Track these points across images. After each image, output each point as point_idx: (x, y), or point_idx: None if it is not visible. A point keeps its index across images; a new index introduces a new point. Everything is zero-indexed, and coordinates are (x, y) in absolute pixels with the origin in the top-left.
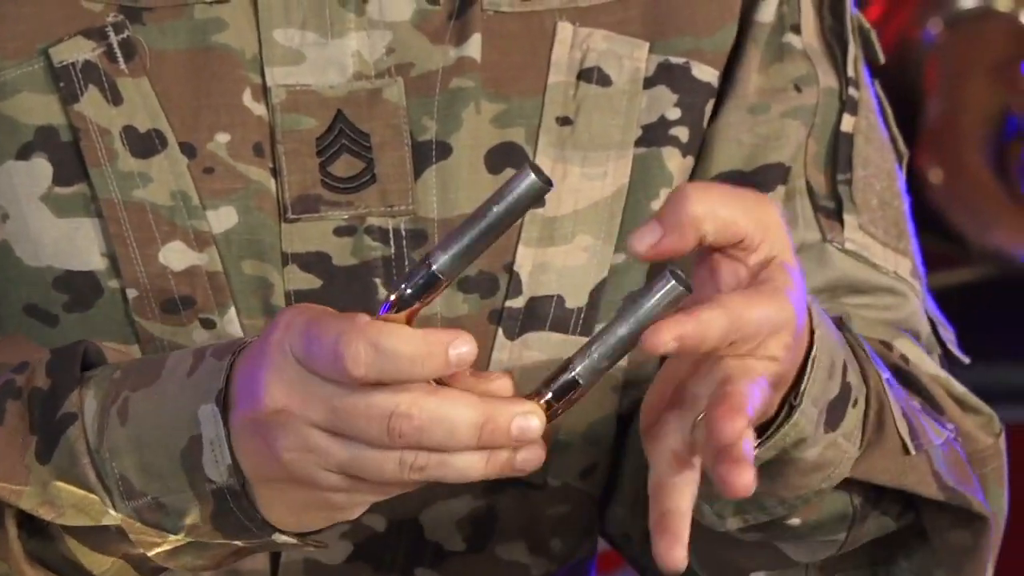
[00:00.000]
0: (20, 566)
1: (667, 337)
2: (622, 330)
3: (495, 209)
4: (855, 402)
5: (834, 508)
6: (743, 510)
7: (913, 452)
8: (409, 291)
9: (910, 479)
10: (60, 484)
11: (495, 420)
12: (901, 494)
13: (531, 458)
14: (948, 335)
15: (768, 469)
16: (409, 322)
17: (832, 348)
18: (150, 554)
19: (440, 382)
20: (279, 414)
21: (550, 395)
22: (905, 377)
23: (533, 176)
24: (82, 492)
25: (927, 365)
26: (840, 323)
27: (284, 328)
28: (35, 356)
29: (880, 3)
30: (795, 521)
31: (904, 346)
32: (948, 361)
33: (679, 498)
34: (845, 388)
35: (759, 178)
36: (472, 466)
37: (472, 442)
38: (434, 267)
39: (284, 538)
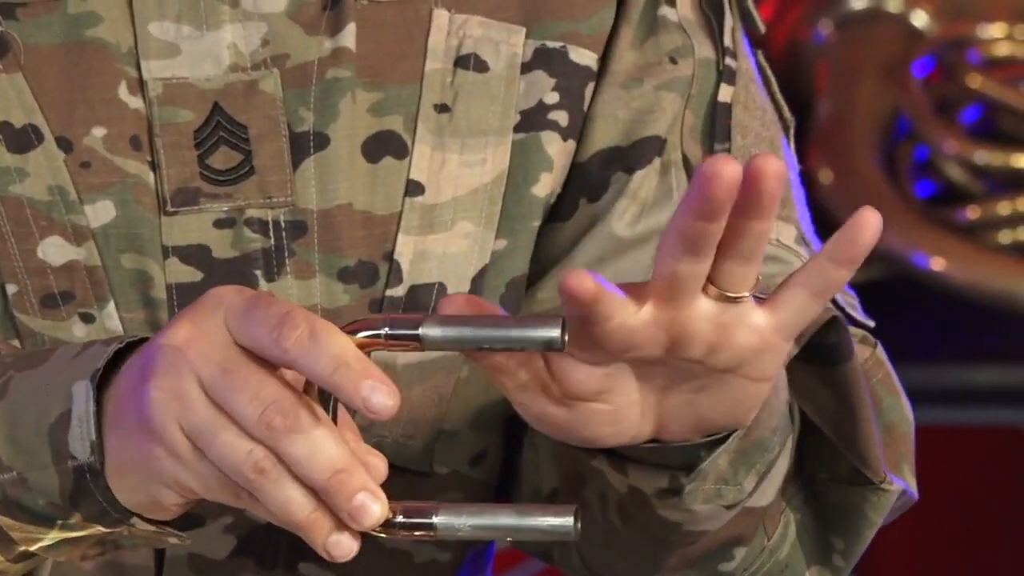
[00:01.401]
0: None
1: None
2: (502, 519)
3: (508, 332)
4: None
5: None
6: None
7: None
8: (386, 333)
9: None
10: None
11: (350, 477)
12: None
13: (344, 546)
14: (849, 299)
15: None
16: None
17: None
18: (14, 536)
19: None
20: (173, 351)
21: (400, 518)
22: None
23: (558, 331)
24: None
25: None
26: None
27: (231, 291)
28: None
29: (771, 4)
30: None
31: None
32: (853, 324)
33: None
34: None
35: (636, 152)
36: (296, 504)
37: (320, 477)
38: (421, 331)
39: (143, 524)
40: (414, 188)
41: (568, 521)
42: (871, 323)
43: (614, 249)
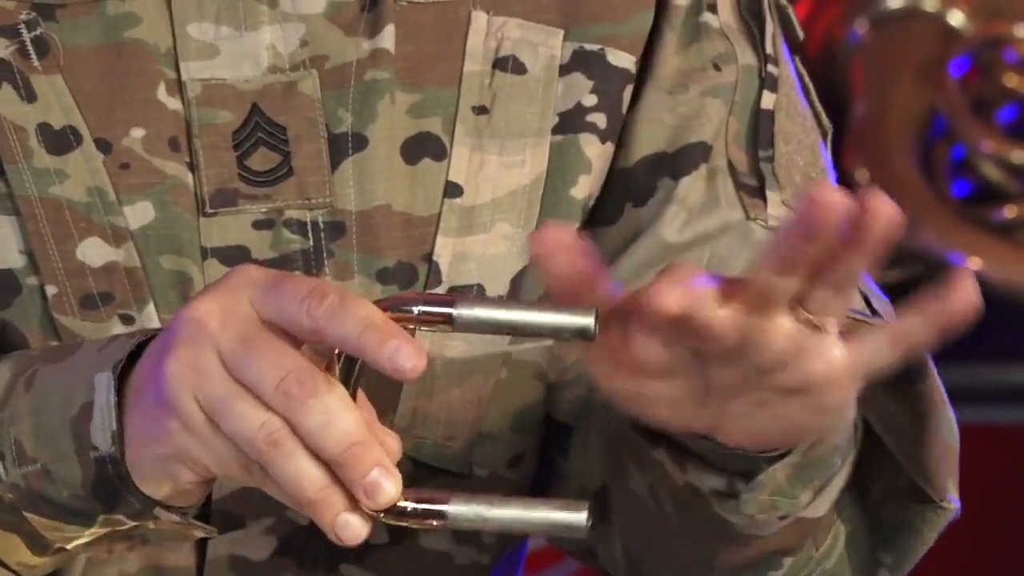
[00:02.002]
0: None
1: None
2: (515, 512)
3: (541, 318)
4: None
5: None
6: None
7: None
8: (419, 311)
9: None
10: None
11: (366, 451)
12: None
13: (353, 527)
14: (885, 307)
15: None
16: None
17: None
18: (39, 527)
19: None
20: (193, 324)
21: (412, 505)
22: None
23: (591, 320)
24: None
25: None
26: None
27: (256, 269)
28: None
29: (806, 3)
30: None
31: None
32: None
33: None
34: None
35: (682, 158)
36: (308, 479)
37: (335, 449)
38: (454, 311)
39: (165, 515)
40: (453, 190)
41: (581, 516)
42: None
43: (663, 255)
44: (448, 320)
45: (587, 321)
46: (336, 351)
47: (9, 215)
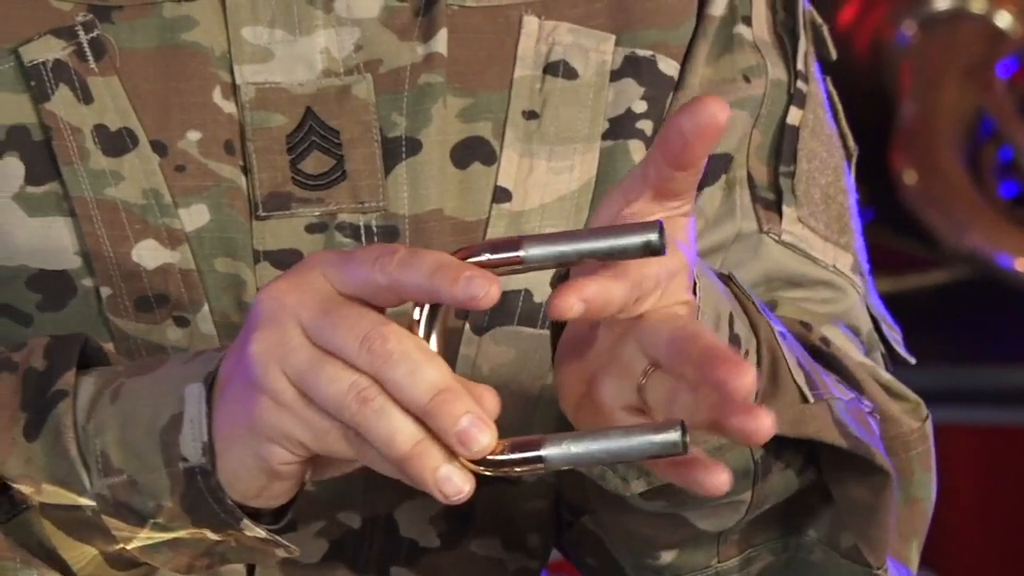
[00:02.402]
0: None
1: (572, 300)
2: (610, 443)
3: (607, 241)
4: (745, 353)
5: (736, 464)
6: (646, 471)
7: (811, 400)
8: (487, 258)
9: (810, 427)
10: (43, 462)
11: (455, 398)
12: (802, 448)
13: (454, 481)
14: (894, 335)
15: None
16: None
17: (717, 299)
18: (128, 547)
19: None
20: (272, 302)
21: (509, 457)
22: (823, 358)
23: (656, 235)
24: (63, 471)
25: (853, 353)
26: (726, 277)
27: (326, 251)
28: (34, 339)
29: (854, 4)
30: None
31: (830, 332)
32: (893, 361)
33: None
34: (733, 339)
35: (706, 168)
36: (401, 433)
37: (423, 398)
38: (522, 252)
39: (252, 528)
40: (502, 194)
41: (675, 435)
42: (912, 360)
43: None
44: (519, 261)
45: (652, 236)
46: (415, 312)
47: (65, 216)
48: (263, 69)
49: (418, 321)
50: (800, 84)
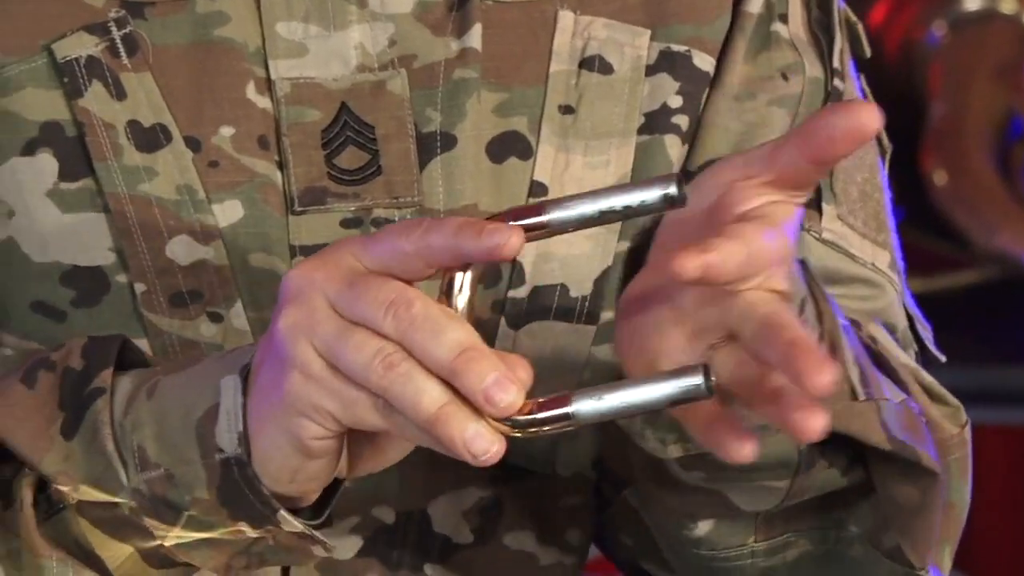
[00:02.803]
0: (32, 537)
1: (693, 264)
2: (636, 393)
3: (626, 196)
4: None
5: (779, 451)
6: (685, 437)
7: (862, 398)
8: (511, 224)
9: (856, 425)
10: (81, 459)
11: (480, 355)
12: (850, 448)
13: (482, 441)
14: (926, 333)
15: None
16: None
17: (795, 283)
18: (165, 543)
19: None
20: (299, 279)
21: (538, 416)
22: (871, 356)
23: (675, 187)
24: (100, 467)
25: (897, 353)
26: (801, 262)
27: (353, 236)
28: (73, 340)
29: (884, 5)
30: None
31: (874, 331)
32: (924, 359)
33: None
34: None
35: None
36: (428, 395)
37: (447, 358)
38: (545, 217)
39: (289, 518)
40: (538, 189)
41: (698, 379)
42: (942, 358)
43: None
44: (543, 225)
45: (671, 190)
46: (442, 284)
47: (98, 212)
48: (298, 64)
49: (446, 292)
50: (837, 82)
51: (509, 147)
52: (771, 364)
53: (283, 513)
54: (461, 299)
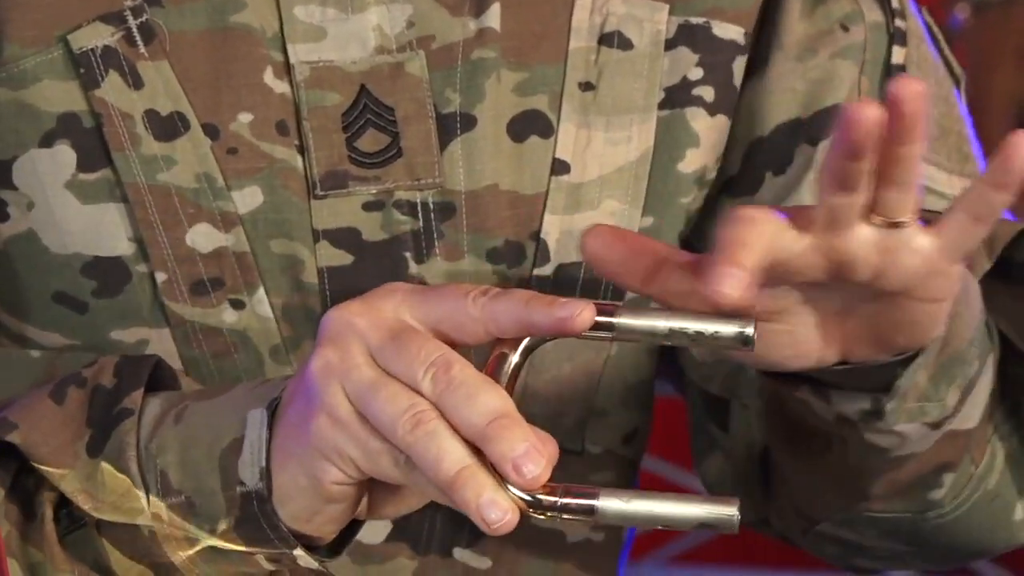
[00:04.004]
0: (54, 550)
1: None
2: (664, 507)
3: (700, 325)
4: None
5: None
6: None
7: None
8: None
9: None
10: (104, 478)
11: (513, 424)
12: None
13: (498, 508)
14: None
15: None
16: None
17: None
18: (176, 559)
19: None
20: (342, 322)
21: (561, 501)
22: None
23: (751, 329)
24: (122, 488)
25: None
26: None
27: (404, 284)
28: (105, 357)
29: None
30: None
31: None
32: None
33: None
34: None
35: (818, 123)
36: (450, 456)
37: (480, 422)
38: (616, 320)
39: (305, 556)
40: (560, 167)
41: (732, 510)
42: None
43: None
44: (610, 327)
45: (748, 328)
46: (493, 355)
47: (117, 202)
48: (316, 48)
49: (494, 364)
50: (899, 22)
51: (530, 126)
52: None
53: (300, 551)
54: (508, 372)
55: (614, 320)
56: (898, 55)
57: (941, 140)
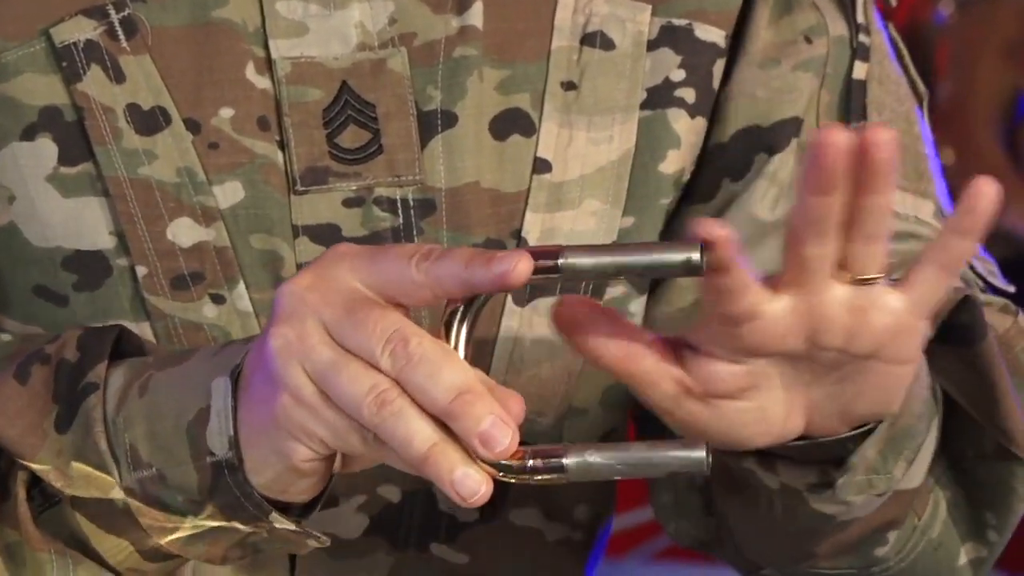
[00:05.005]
0: (29, 529)
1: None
2: (633, 455)
3: (647, 256)
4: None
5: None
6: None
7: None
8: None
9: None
10: (72, 454)
11: (477, 399)
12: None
13: (470, 483)
14: (988, 267)
15: None
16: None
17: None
18: (161, 541)
19: None
20: (294, 298)
21: (531, 463)
22: None
23: (697, 253)
24: (92, 465)
25: None
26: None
27: (352, 245)
28: (69, 332)
29: None
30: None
31: None
32: (993, 292)
33: None
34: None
35: (776, 133)
36: (419, 435)
37: (443, 398)
38: (560, 261)
39: (281, 521)
40: (541, 166)
41: (700, 454)
42: (1011, 288)
43: (756, 232)
44: (556, 270)
45: (693, 255)
46: (444, 313)
47: (99, 196)
48: (298, 43)
49: (446, 324)
50: (862, 37)
51: (512, 124)
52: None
53: (275, 515)
54: (463, 332)
55: (560, 262)
56: (860, 70)
57: (899, 157)
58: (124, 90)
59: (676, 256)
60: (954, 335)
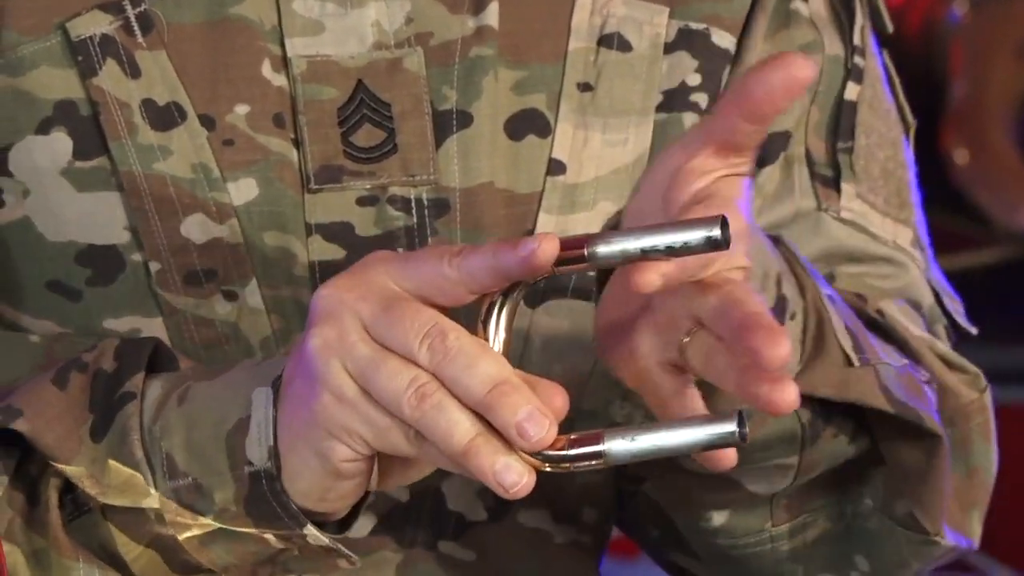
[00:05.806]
0: (58, 536)
1: (652, 276)
2: (669, 435)
3: (671, 236)
4: (792, 315)
5: (781, 426)
6: None
7: (856, 364)
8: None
9: (854, 391)
10: (108, 463)
11: (513, 390)
12: (853, 415)
13: (512, 473)
14: (955, 306)
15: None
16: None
17: (765, 259)
18: (181, 537)
19: None
20: (332, 298)
21: (569, 452)
22: (879, 329)
23: (718, 229)
24: (128, 472)
25: (909, 326)
26: (775, 239)
27: (388, 252)
28: (105, 341)
29: None
30: None
31: (886, 306)
32: (956, 333)
33: (695, 400)
34: (780, 299)
35: (764, 146)
36: (460, 427)
37: (481, 391)
38: (587, 250)
39: (315, 533)
40: (556, 167)
41: (731, 427)
42: (973, 330)
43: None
44: (582, 259)
45: (715, 232)
46: (482, 311)
47: (113, 191)
48: (314, 42)
49: (483, 319)
50: (857, 59)
51: (527, 124)
52: (729, 343)
53: (310, 528)
54: (501, 324)
55: (586, 251)
56: (852, 91)
57: (882, 182)
58: (140, 85)
59: (698, 233)
60: (914, 423)
